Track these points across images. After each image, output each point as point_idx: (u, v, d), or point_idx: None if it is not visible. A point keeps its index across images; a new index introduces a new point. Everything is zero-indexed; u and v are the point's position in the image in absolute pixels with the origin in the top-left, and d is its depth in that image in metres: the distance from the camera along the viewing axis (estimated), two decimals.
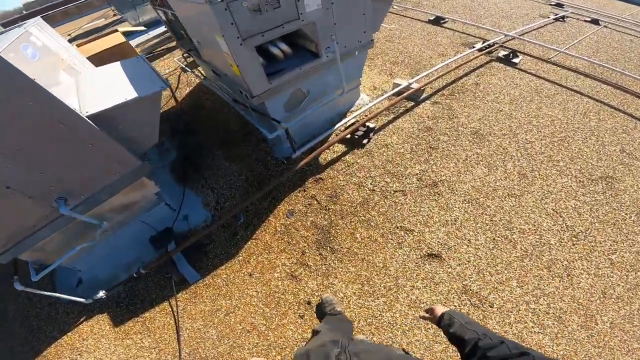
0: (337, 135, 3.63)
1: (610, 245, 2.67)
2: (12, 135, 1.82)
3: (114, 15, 10.39)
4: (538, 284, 2.49)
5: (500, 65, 4.72)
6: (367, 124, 3.64)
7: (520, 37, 5.29)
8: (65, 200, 2.25)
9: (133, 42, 6.86)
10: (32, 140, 1.90)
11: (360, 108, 3.94)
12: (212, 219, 3.31)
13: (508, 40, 5.34)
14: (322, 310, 2.48)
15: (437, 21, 6.12)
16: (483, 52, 4.97)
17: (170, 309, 2.82)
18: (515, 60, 4.79)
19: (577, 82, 4.35)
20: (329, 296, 2.56)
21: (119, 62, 2.95)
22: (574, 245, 2.67)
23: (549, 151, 3.34)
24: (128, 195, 2.74)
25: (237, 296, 2.78)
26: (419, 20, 6.28)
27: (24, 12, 14.06)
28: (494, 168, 3.22)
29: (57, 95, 1.87)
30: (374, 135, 3.70)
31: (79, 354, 2.70)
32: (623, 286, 2.45)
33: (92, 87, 2.47)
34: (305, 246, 2.95)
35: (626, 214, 2.85)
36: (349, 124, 3.80)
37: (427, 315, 1.33)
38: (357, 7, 3.01)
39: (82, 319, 2.87)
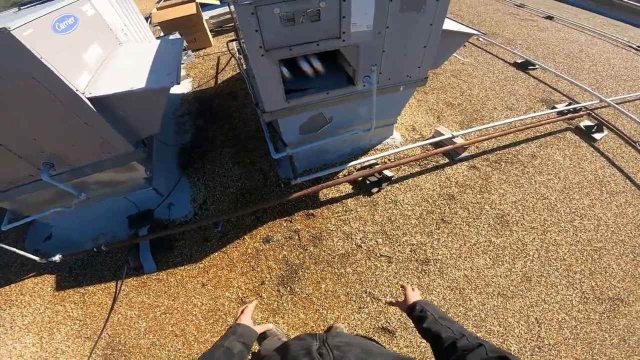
0: (348, 173, 3.60)
1: None
2: (13, 103, 2.07)
3: None
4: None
5: (576, 139, 4.30)
6: (385, 171, 3.56)
7: (618, 105, 4.68)
8: (52, 165, 2.53)
9: (208, 13, 7.34)
10: (31, 111, 2.15)
11: (387, 150, 3.85)
12: (192, 217, 3.46)
13: (601, 108, 4.83)
14: (263, 339, 2.51)
15: (525, 66, 5.70)
16: (563, 116, 4.55)
17: (114, 291, 3.05)
18: (598, 135, 4.30)
19: None
20: (275, 329, 2.57)
21: (159, 41, 3.22)
22: (532, 355, 2.52)
23: (572, 259, 3.05)
24: (116, 174, 3.00)
25: (182, 300, 2.94)
26: (502, 59, 5.91)
27: None
28: (500, 263, 3.01)
29: (63, 74, 2.09)
30: (387, 185, 3.61)
31: (9, 306, 3.03)
32: None
33: (114, 66, 2.71)
34: (267, 277, 3.01)
35: (610, 336, 2.63)
36: (366, 164, 3.73)
37: (393, 301, 1.44)
38: (418, 38, 2.73)
39: (31, 275, 3.21)
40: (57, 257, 2.97)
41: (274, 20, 2.17)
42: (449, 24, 2.95)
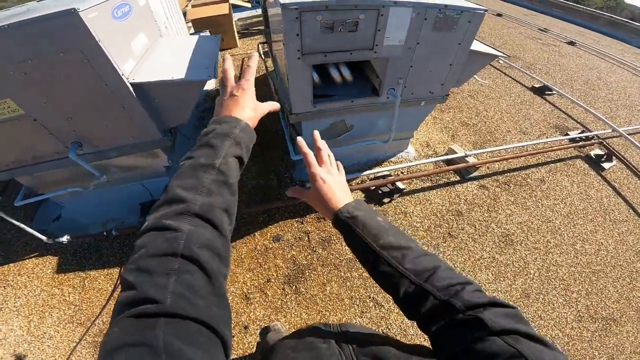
0: (361, 182, 3.77)
1: None
2: (60, 81, 2.17)
3: None
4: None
5: (584, 167, 4.46)
6: (398, 183, 3.72)
7: (630, 135, 4.82)
8: (80, 145, 2.63)
9: (237, 15, 7.64)
10: (74, 90, 2.26)
11: (401, 163, 4.02)
12: None
13: (613, 137, 4.98)
14: (266, 332, 2.58)
15: (542, 91, 5.88)
16: (574, 144, 4.71)
17: (116, 277, 3.13)
18: (607, 165, 4.47)
19: None
20: (280, 325, 2.68)
21: (196, 37, 3.39)
22: None
23: (571, 280, 3.20)
24: (138, 159, 3.11)
25: None
26: (520, 83, 6.08)
27: None
28: (501, 279, 3.15)
29: (116, 59, 2.22)
30: (398, 197, 3.77)
31: (4, 287, 3.09)
32: None
33: (157, 56, 2.85)
34: (273, 275, 3.15)
35: (599, 353, 2.75)
36: (379, 175, 3.89)
37: (297, 190, 1.03)
38: (445, 56, 2.88)
39: (32, 255, 3.28)
40: (64, 238, 3.05)
41: (315, 26, 2.32)
42: (475, 45, 3.09)
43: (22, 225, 2.88)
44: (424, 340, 2.72)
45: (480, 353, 0.56)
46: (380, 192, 3.71)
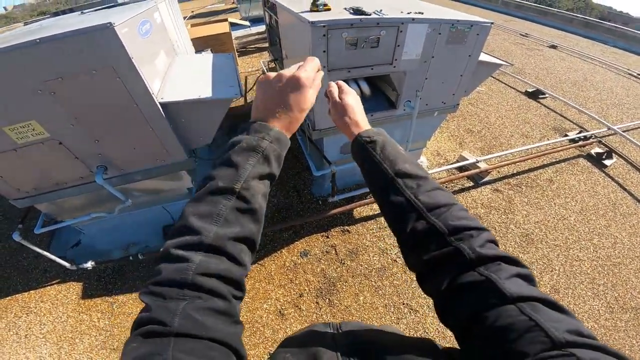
0: None
1: None
2: (89, 101, 2.06)
3: (233, 2, 11.67)
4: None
5: (588, 165, 4.60)
6: None
7: (625, 133, 5.07)
8: (106, 169, 2.51)
9: (234, 34, 7.66)
10: (104, 111, 2.15)
11: None
12: None
13: (609, 135, 5.18)
14: None
15: (535, 95, 6.08)
16: (575, 144, 4.87)
17: None
18: (608, 162, 4.64)
19: None
20: None
21: (212, 54, 3.38)
22: None
23: (595, 273, 3.28)
24: (162, 182, 3.03)
25: None
26: (514, 89, 6.29)
27: None
28: None
29: (146, 78, 2.12)
30: None
31: (27, 313, 3.03)
32: None
33: (178, 74, 2.78)
34: (305, 290, 3.15)
35: (637, 342, 2.82)
36: None
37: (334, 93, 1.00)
38: (457, 67, 2.97)
39: (54, 282, 3.21)
40: (89, 264, 2.99)
41: (341, 43, 2.38)
42: (482, 56, 3.18)
43: (46, 253, 2.79)
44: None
45: (492, 323, 0.51)
46: None
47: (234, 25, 8.07)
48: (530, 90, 6.19)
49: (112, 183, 2.62)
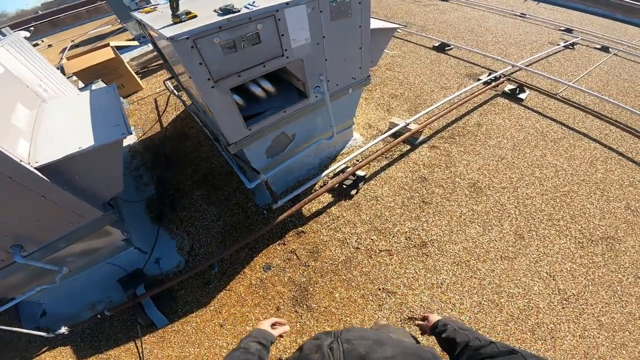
0: (324, 184, 3.66)
1: (602, 307, 2.70)
2: None
3: (119, 23, 10.66)
4: (518, 347, 2.50)
5: (506, 102, 4.77)
6: (358, 172, 3.65)
7: (528, 67, 5.37)
8: (21, 247, 2.29)
9: (127, 55, 7.01)
10: None
11: (353, 151, 3.96)
12: (185, 265, 3.34)
13: (515, 72, 5.43)
14: None
15: (442, 48, 6.22)
16: (489, 86, 5.01)
17: (136, 351, 2.86)
18: (522, 95, 4.85)
19: (586, 122, 4.39)
20: None
21: (89, 92, 2.94)
22: (563, 308, 2.70)
23: (550, 209, 3.35)
24: (91, 241, 2.78)
25: (207, 345, 2.81)
26: (423, 46, 6.38)
27: (40, 12, 14.46)
28: (489, 227, 3.23)
29: (3, 145, 1.84)
30: (363, 184, 3.72)
31: None
32: (607, 346, 2.49)
33: (50, 125, 2.42)
34: (280, 302, 2.97)
35: (623, 275, 2.88)
36: (337, 170, 3.81)
37: (422, 322, 1.41)
38: (353, 41, 2.89)
39: (44, 350, 2.97)
40: (63, 330, 2.78)
41: (216, 50, 2.17)
42: (374, 23, 3.15)
43: (20, 330, 2.61)
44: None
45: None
46: (344, 186, 3.63)
47: (122, 48, 7.34)
48: (436, 44, 6.31)
49: (37, 257, 2.43)
